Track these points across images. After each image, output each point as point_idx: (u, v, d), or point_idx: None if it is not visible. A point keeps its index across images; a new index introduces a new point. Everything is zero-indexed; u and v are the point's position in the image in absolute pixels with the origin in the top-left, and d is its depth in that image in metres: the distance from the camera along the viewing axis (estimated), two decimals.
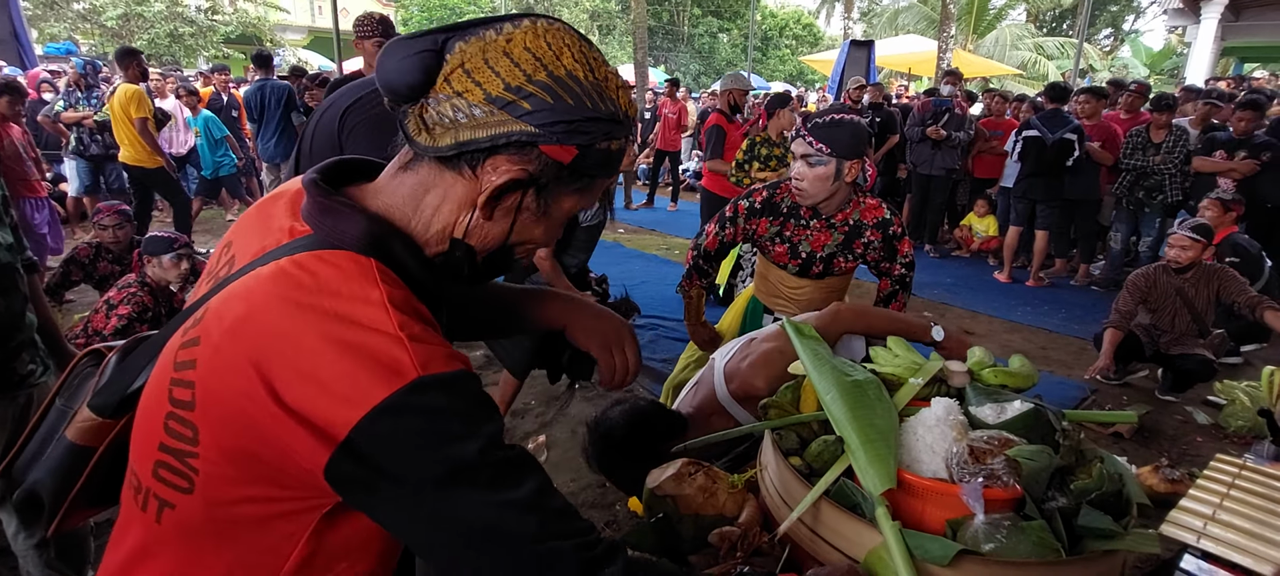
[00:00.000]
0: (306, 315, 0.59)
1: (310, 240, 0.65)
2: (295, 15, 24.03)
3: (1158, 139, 5.26)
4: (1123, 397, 3.87)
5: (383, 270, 0.64)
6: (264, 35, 18.94)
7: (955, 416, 1.00)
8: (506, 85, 0.63)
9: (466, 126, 0.64)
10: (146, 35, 16.02)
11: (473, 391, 0.63)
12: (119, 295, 3.09)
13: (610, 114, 0.67)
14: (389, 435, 0.58)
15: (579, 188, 0.70)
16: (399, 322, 0.60)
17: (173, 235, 3.30)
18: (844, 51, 11.68)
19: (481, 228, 0.69)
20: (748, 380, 1.30)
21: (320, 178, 0.70)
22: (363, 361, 0.58)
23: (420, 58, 0.63)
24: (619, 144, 0.69)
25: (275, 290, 0.61)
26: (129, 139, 5.33)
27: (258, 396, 0.59)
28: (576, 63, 0.65)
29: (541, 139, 0.64)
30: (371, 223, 0.66)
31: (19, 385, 1.47)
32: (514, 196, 0.68)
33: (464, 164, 0.66)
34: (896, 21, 21.01)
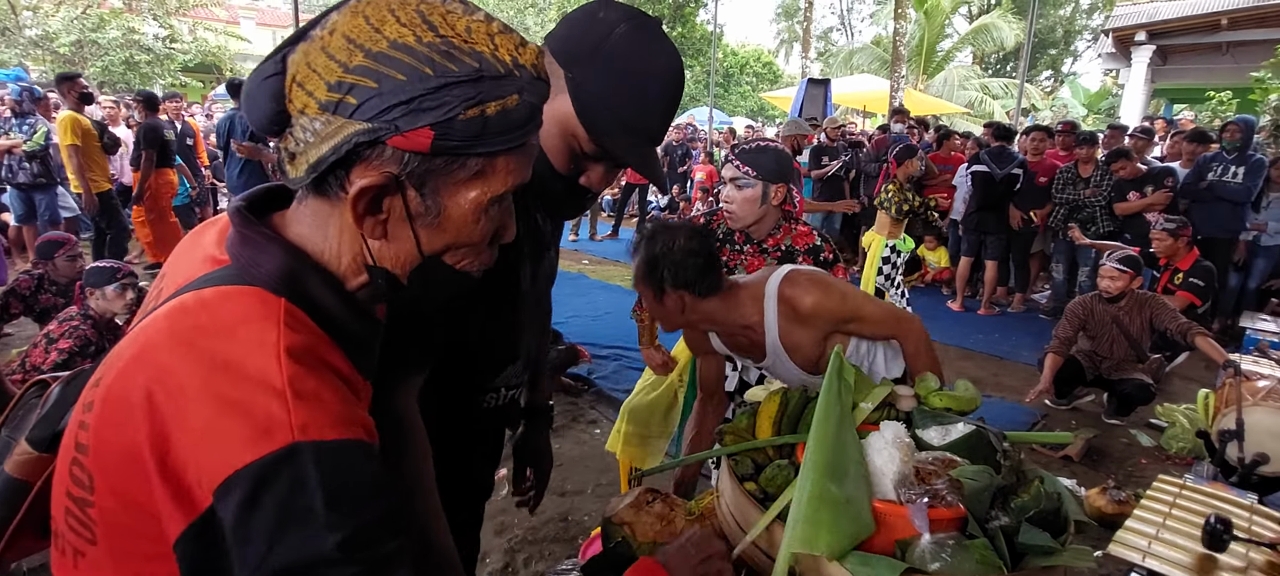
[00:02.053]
0: (194, 358, 0.53)
1: (225, 273, 0.60)
2: (257, 44, 23.75)
3: (1086, 173, 5.58)
4: (1072, 421, 4.00)
5: (291, 311, 0.58)
6: (224, 64, 18.64)
7: (903, 439, 1.04)
8: (329, 85, 0.55)
9: (313, 144, 0.57)
10: (101, 62, 15.62)
11: (356, 467, 0.54)
12: (60, 328, 2.97)
13: (469, 72, 0.55)
14: (242, 507, 0.50)
15: (470, 172, 0.59)
16: (290, 375, 0.53)
17: (115, 265, 3.20)
18: (802, 89, 12.06)
19: (386, 248, 0.62)
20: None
21: (247, 205, 0.65)
22: (237, 418, 0.51)
23: (267, 84, 0.58)
24: (502, 104, 0.57)
25: (169, 327, 0.56)
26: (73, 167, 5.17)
27: (140, 444, 0.53)
28: (404, 27, 0.55)
29: (381, 133, 0.55)
30: (289, 256, 0.60)
31: None
32: (396, 204, 0.59)
33: (333, 186, 0.59)
34: (851, 61, 21.79)
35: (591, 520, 2.74)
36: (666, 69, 0.86)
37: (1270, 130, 7.04)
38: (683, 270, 1.39)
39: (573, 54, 0.84)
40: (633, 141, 0.86)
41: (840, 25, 35.46)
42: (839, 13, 35.67)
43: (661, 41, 0.86)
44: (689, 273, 1.39)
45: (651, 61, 0.84)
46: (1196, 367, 4.52)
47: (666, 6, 26.44)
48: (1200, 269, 4.38)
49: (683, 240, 1.40)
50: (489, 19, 0.59)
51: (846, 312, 1.48)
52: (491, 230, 0.65)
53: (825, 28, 35.35)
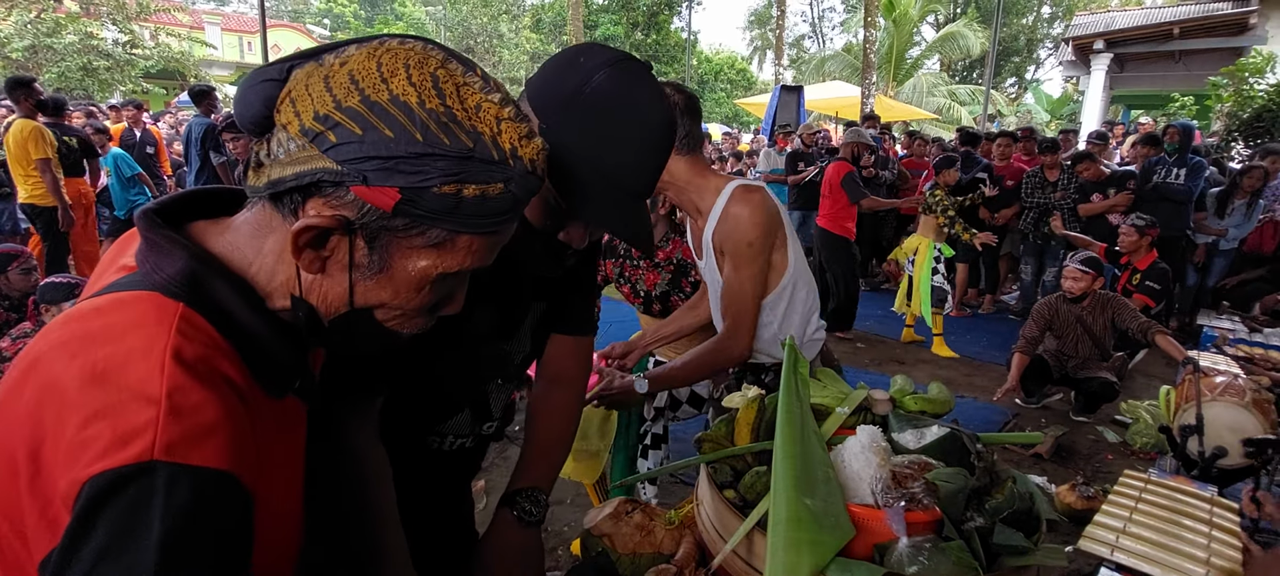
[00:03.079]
0: (77, 366, 0.50)
1: (128, 279, 0.57)
2: (223, 51, 23.26)
3: (1052, 178, 5.75)
4: (1041, 420, 4.09)
5: (189, 317, 0.54)
6: (188, 70, 18.18)
7: (879, 443, 1.04)
8: (316, 114, 0.54)
9: (283, 163, 0.55)
10: (57, 68, 15.11)
11: (212, 507, 0.49)
12: (13, 348, 2.86)
13: (459, 150, 0.54)
14: (76, 522, 0.46)
15: (430, 242, 0.57)
16: (171, 386, 0.49)
17: (72, 280, 3.09)
18: (775, 95, 12.19)
19: (318, 284, 0.59)
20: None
21: (158, 210, 0.61)
22: (102, 424, 0.48)
23: (262, 88, 0.57)
24: (482, 189, 0.55)
25: (59, 336, 0.53)
26: (25, 177, 4.98)
27: (19, 459, 0.50)
28: (411, 87, 0.54)
29: (347, 178, 0.53)
30: (195, 261, 0.57)
31: None
32: (341, 246, 0.57)
33: (286, 207, 0.57)
34: (823, 68, 22.14)
35: (571, 531, 2.71)
36: (654, 118, 0.77)
37: (1222, 134, 7.32)
38: None
39: (547, 102, 0.77)
40: (614, 198, 0.77)
41: (812, 33, 36.03)
42: (811, 20, 36.24)
43: (646, 85, 0.78)
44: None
45: (636, 110, 0.76)
46: (1157, 365, 4.66)
47: (640, 13, 26.60)
48: (1156, 272, 4.52)
49: (668, 90, 1.37)
50: (504, 102, 0.58)
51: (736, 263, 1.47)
52: (433, 301, 0.63)
53: (797, 35, 35.90)
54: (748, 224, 1.44)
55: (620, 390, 1.50)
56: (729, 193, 1.47)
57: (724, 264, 1.51)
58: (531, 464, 1.08)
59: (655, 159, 0.79)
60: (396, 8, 30.16)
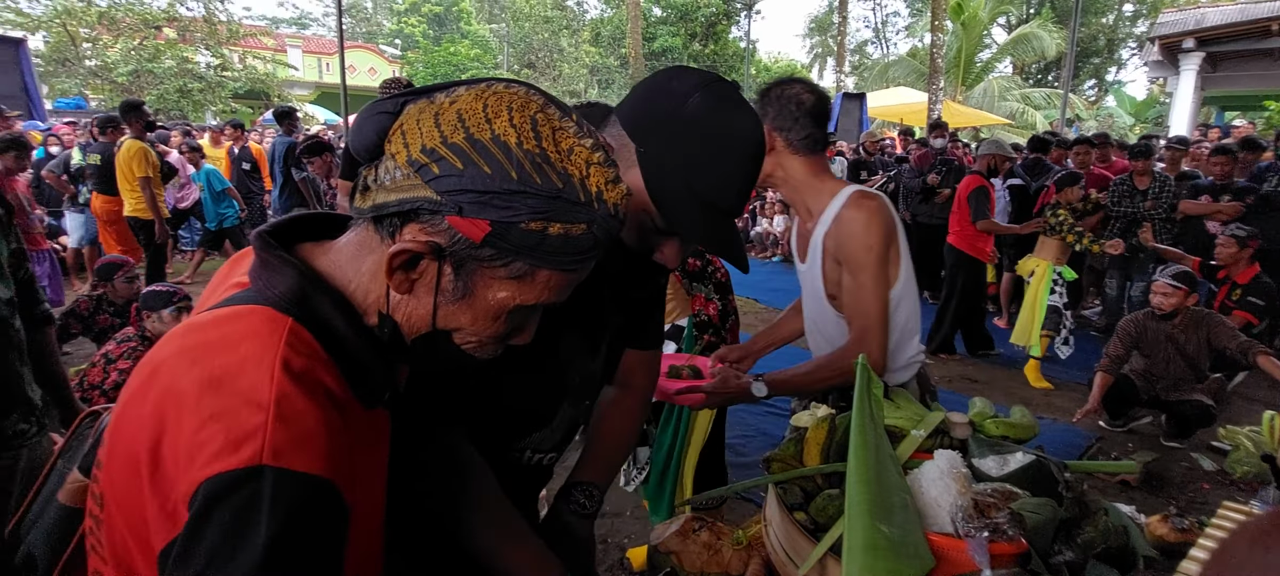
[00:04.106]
0: (196, 373, 0.54)
1: (242, 294, 0.62)
2: (303, 71, 24.65)
3: (1142, 186, 5.37)
4: (1128, 444, 3.84)
5: (296, 331, 0.58)
6: (272, 91, 19.35)
7: (958, 469, 1.00)
8: (423, 147, 0.58)
9: (388, 189, 0.59)
10: (156, 90, 16.36)
11: (313, 511, 0.53)
12: (118, 349, 3.08)
13: (549, 190, 0.57)
14: (193, 521, 0.50)
15: (512, 274, 0.60)
16: (280, 393, 0.53)
17: (171, 288, 3.32)
18: (837, 103, 12.00)
19: (404, 304, 0.63)
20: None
21: (271, 232, 0.66)
22: (216, 427, 0.52)
23: (377, 120, 0.61)
24: (566, 228, 0.59)
25: (180, 345, 0.58)
26: (130, 191, 5.40)
27: (141, 458, 0.54)
28: (512, 128, 0.58)
29: (444, 208, 0.57)
30: (302, 279, 0.61)
31: (6, 445, 1.45)
32: (430, 271, 0.60)
33: (385, 229, 0.61)
34: (887, 74, 21.57)
35: (630, 542, 2.72)
36: (744, 137, 0.80)
37: None
38: (786, 115, 1.40)
39: (643, 126, 0.80)
40: (708, 216, 0.80)
41: (875, 38, 35.19)
42: (873, 26, 35.42)
43: (739, 109, 0.80)
44: (789, 115, 1.40)
45: (728, 130, 0.79)
46: (1260, 387, 4.30)
47: (699, 24, 26.63)
48: (1260, 286, 4.18)
49: (798, 89, 1.40)
50: (594, 148, 0.61)
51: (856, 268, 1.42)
52: (507, 331, 0.66)
53: (860, 41, 35.13)
54: (867, 228, 1.41)
55: (735, 391, 1.47)
56: (846, 197, 1.45)
57: (837, 271, 1.48)
58: (592, 460, 1.10)
59: (747, 177, 0.81)
60: (463, 26, 31.23)
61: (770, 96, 1.45)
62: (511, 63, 31.37)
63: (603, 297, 0.90)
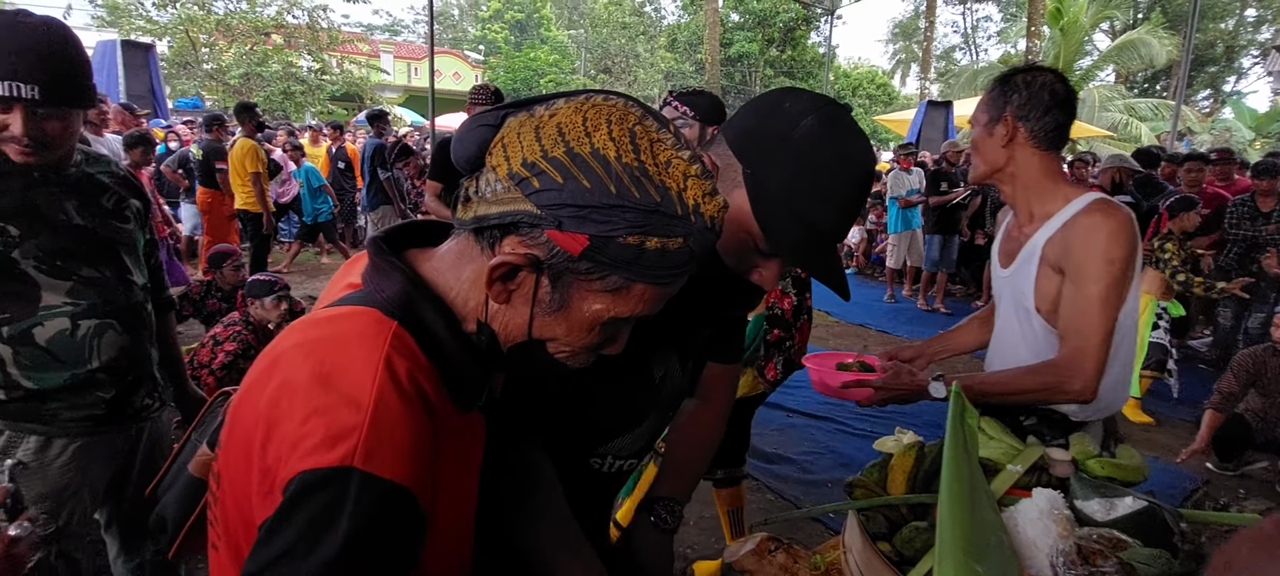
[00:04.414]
0: (309, 365, 0.58)
1: (354, 295, 0.65)
2: (393, 76, 25.97)
3: (1266, 207, 4.89)
4: (1238, 490, 3.50)
5: (400, 335, 0.61)
6: (365, 94, 20.49)
7: (1060, 510, 0.95)
8: (524, 160, 0.59)
9: (489, 201, 0.61)
10: (263, 92, 17.65)
11: (390, 517, 0.56)
12: (225, 332, 3.34)
13: (646, 203, 0.58)
14: (282, 508, 0.54)
15: (608, 287, 0.61)
16: (379, 395, 0.56)
17: (273, 277, 3.56)
18: (921, 112, 11.54)
19: (501, 313, 0.64)
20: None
21: (384, 238, 0.70)
22: (318, 421, 0.55)
23: (478, 132, 0.63)
24: (663, 242, 0.59)
25: (298, 338, 0.62)
26: (241, 186, 5.84)
27: (253, 441, 0.58)
28: (611, 142, 0.58)
29: (544, 222, 0.58)
30: (410, 284, 0.64)
31: (134, 418, 1.58)
32: (528, 282, 0.62)
33: (485, 240, 0.62)
34: (976, 82, 20.58)
35: (694, 553, 2.71)
36: (856, 166, 0.79)
37: None
38: (1035, 103, 1.33)
39: (753, 147, 0.80)
40: (811, 240, 0.79)
41: (964, 44, 33.70)
42: (962, 31, 33.88)
43: (854, 136, 0.80)
44: (1038, 108, 1.33)
45: (841, 158, 0.78)
46: None
47: (776, 30, 26.28)
48: None
49: (1049, 77, 1.34)
50: (692, 160, 0.61)
51: (1084, 279, 1.29)
52: (600, 341, 0.67)
53: (946, 47, 33.73)
54: (1113, 240, 1.27)
55: (907, 388, 1.40)
56: (1085, 203, 1.33)
57: (1054, 281, 1.36)
58: (672, 474, 1.11)
59: (855, 203, 0.81)
60: (542, 33, 32.05)
61: (1016, 82, 1.37)
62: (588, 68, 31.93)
63: (696, 310, 0.90)
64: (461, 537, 0.72)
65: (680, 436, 1.12)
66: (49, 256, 1.37)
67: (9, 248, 1.33)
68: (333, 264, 7.79)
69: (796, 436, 3.78)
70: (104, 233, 1.47)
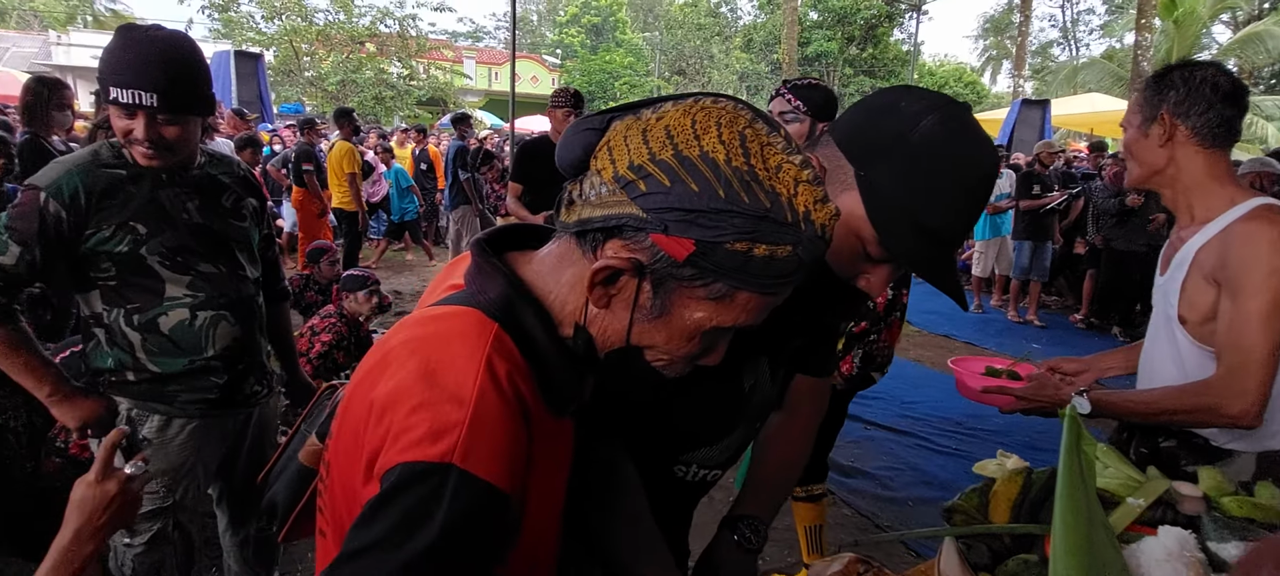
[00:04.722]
0: (415, 362, 0.59)
1: (458, 295, 0.67)
2: (475, 80, 26.99)
3: None
4: None
5: (501, 337, 0.62)
6: (449, 98, 21.39)
7: (1191, 553, 0.86)
8: (630, 163, 0.58)
9: (593, 204, 0.60)
10: (357, 98, 18.74)
11: (482, 516, 0.57)
12: (322, 324, 3.54)
13: (756, 209, 0.56)
14: (382, 494, 0.55)
15: (711, 295, 0.59)
16: (480, 393, 0.57)
17: (366, 273, 3.76)
18: (1014, 110, 10.92)
19: (600, 317, 0.64)
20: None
21: (487, 240, 0.71)
22: (421, 415, 0.56)
23: (584, 136, 0.62)
24: (771, 250, 0.57)
25: (405, 336, 0.63)
26: (338, 186, 6.20)
27: (361, 433, 0.60)
28: (721, 144, 0.56)
29: (650, 226, 0.57)
30: (510, 287, 0.65)
31: (244, 403, 1.70)
32: (629, 287, 0.61)
33: (588, 244, 0.62)
34: (1075, 78, 19.26)
35: (765, 563, 2.65)
36: (979, 169, 0.76)
37: None
38: (1196, 98, 1.25)
39: (867, 149, 0.77)
40: (930, 247, 0.76)
41: (1062, 39, 31.62)
42: (1061, 25, 31.79)
43: (975, 137, 0.76)
44: (1200, 103, 1.25)
45: (963, 161, 0.75)
46: None
47: (857, 27, 25.51)
48: None
49: (1211, 71, 1.27)
50: (803, 165, 0.59)
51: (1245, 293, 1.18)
52: (699, 351, 0.65)
53: (1042, 42, 31.75)
54: (1274, 246, 1.17)
55: (1050, 400, 1.33)
56: (1249, 208, 1.24)
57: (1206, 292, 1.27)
58: (757, 492, 1.07)
59: (977, 207, 0.77)
60: (618, 36, 32.43)
61: (1172, 79, 1.29)
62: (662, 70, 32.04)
63: (793, 316, 0.87)
64: (548, 537, 0.73)
65: (765, 452, 1.08)
66: (171, 253, 1.48)
67: (138, 244, 1.45)
68: (416, 260, 8.15)
69: (875, 450, 3.64)
70: (221, 230, 1.58)
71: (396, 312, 5.84)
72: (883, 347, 2.21)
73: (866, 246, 0.78)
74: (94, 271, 1.46)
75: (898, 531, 1.47)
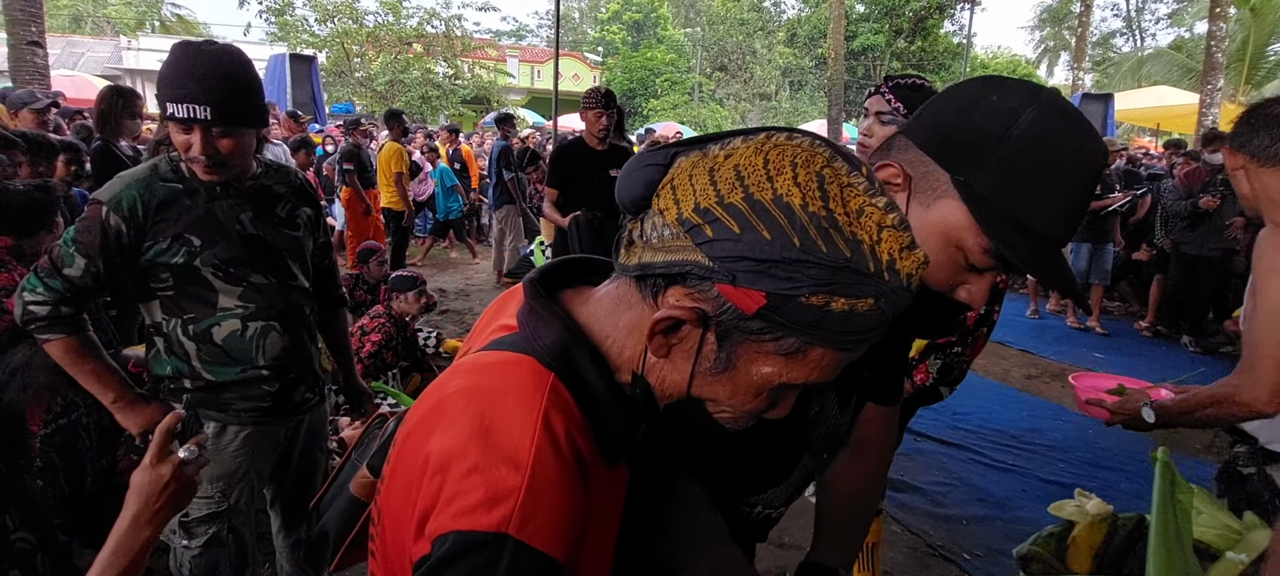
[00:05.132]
0: (469, 416, 0.57)
1: (510, 339, 0.63)
2: (518, 78, 27.32)
3: None
4: None
5: (557, 388, 0.59)
6: (492, 97, 21.71)
7: None
8: (696, 205, 0.54)
9: (655, 247, 0.56)
10: (404, 98, 19.20)
11: None
12: (372, 324, 3.61)
13: (834, 259, 0.51)
14: (439, 563, 0.53)
15: (781, 350, 0.55)
16: (537, 455, 0.54)
17: (415, 274, 3.82)
18: (1075, 104, 10.45)
19: (659, 367, 0.60)
20: None
21: (540, 278, 0.68)
22: (475, 480, 0.54)
23: (645, 171, 0.59)
24: (851, 303, 0.52)
25: (458, 385, 0.61)
26: (387, 185, 6.33)
27: (415, 488, 0.58)
28: (796, 187, 0.52)
29: (716, 275, 0.53)
30: (566, 332, 0.61)
31: (295, 410, 1.73)
32: (692, 337, 0.57)
33: (648, 289, 0.58)
34: (1140, 70, 18.36)
35: None
36: (1088, 158, 0.69)
37: None
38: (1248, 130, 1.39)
39: (962, 151, 0.71)
40: (1041, 247, 0.70)
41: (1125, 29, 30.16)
42: (1124, 14, 30.30)
43: (1079, 124, 0.70)
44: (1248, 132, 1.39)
45: (1072, 155, 0.69)
46: None
47: (905, 20, 24.84)
48: None
49: (1260, 104, 1.39)
50: (888, 208, 0.54)
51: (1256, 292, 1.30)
52: (765, 406, 0.61)
53: (1104, 33, 30.35)
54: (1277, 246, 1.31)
55: (1130, 413, 1.42)
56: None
57: (1249, 299, 1.38)
58: (830, 536, 1.02)
59: (1087, 202, 0.72)
60: (659, 32, 32.35)
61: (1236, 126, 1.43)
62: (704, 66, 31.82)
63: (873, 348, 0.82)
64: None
65: (834, 492, 1.02)
66: (224, 264, 1.51)
67: (192, 256, 1.48)
68: (460, 258, 8.29)
69: (925, 463, 3.52)
70: (274, 240, 1.61)
71: (441, 310, 5.94)
72: (963, 362, 2.13)
73: (969, 256, 0.72)
74: (154, 282, 1.50)
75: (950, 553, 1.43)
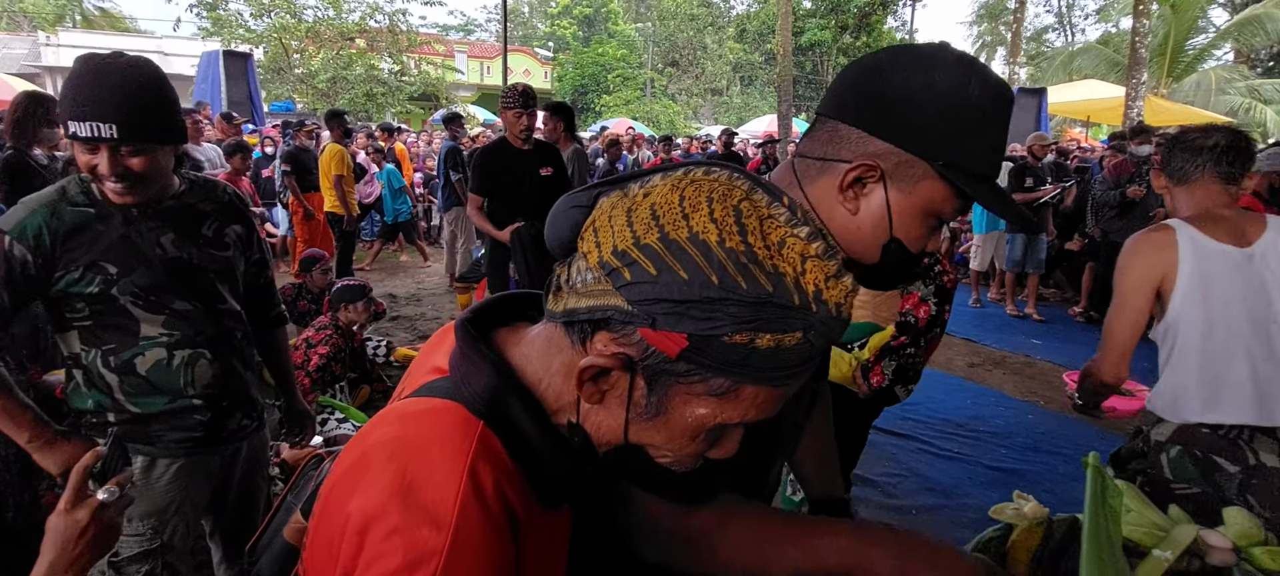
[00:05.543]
0: (391, 471, 0.54)
1: (440, 384, 0.61)
2: (467, 75, 26.80)
3: None
4: None
5: (486, 437, 0.57)
6: (440, 93, 21.22)
7: None
8: (614, 248, 0.52)
9: (579, 292, 0.55)
10: (348, 95, 18.58)
11: None
12: (318, 337, 3.48)
13: (755, 295, 0.49)
14: None
15: (712, 392, 0.53)
16: (459, 513, 0.52)
17: (362, 283, 3.70)
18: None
19: (594, 413, 0.59)
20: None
21: (473, 317, 0.65)
22: (395, 543, 0.51)
23: (571, 214, 0.57)
24: (778, 339, 0.50)
25: (382, 434, 0.58)
26: (329, 188, 6.12)
27: (336, 542, 0.55)
28: (712, 223, 0.50)
29: (636, 319, 0.52)
30: (497, 376, 0.59)
31: (230, 439, 1.64)
32: (621, 383, 0.55)
33: (575, 335, 0.57)
34: (1071, 65, 19.18)
35: None
36: (1009, 99, 0.76)
37: None
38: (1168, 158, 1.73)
39: (938, 140, 0.73)
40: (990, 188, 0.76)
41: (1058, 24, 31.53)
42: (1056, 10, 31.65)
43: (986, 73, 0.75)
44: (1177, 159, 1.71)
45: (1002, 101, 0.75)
46: None
47: (851, 16, 25.36)
48: None
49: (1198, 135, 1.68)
50: (810, 237, 0.52)
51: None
52: (706, 448, 0.59)
53: (1038, 28, 31.65)
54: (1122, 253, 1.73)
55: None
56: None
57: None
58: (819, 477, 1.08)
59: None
60: (610, 27, 32.22)
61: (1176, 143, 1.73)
62: (655, 61, 31.86)
63: None
64: None
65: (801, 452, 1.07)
66: (144, 292, 1.42)
67: (108, 284, 1.38)
68: (411, 262, 8.09)
69: (877, 455, 3.61)
70: (200, 262, 1.51)
71: (392, 317, 5.78)
72: (918, 362, 2.14)
73: (943, 216, 0.78)
74: (69, 312, 1.40)
75: None
